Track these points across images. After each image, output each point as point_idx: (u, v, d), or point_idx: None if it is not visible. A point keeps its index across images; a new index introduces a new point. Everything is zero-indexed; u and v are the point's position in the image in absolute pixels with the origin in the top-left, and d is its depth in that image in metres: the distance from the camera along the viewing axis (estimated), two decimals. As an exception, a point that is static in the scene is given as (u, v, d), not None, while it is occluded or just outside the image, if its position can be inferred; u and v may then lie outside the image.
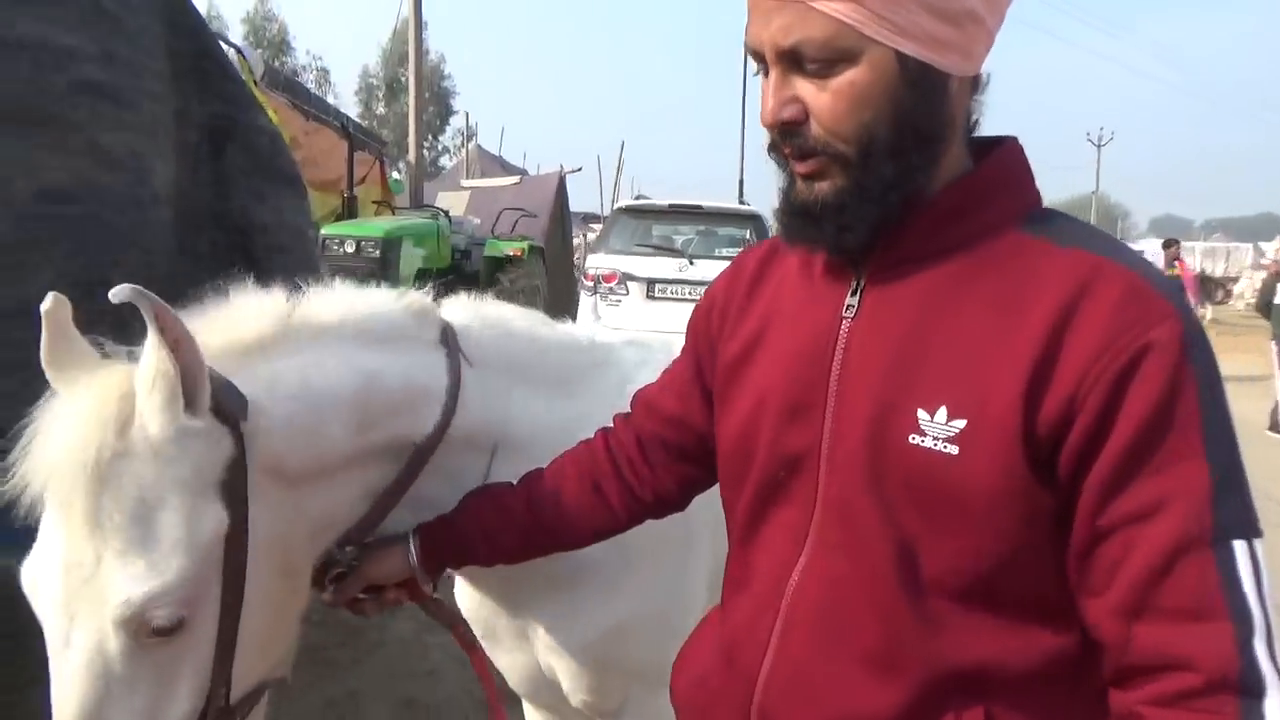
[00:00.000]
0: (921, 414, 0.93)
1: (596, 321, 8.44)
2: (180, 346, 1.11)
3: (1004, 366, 0.90)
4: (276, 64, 15.73)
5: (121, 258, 2.92)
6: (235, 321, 1.32)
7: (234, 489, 1.17)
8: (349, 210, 9.93)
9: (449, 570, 1.49)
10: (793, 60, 0.95)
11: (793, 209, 1.02)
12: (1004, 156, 1.02)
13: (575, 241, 16.73)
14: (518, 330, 1.67)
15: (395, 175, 12.95)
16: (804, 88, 0.95)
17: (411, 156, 13.31)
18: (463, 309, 1.65)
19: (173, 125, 3.30)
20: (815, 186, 0.99)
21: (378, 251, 8.77)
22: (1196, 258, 40.22)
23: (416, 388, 1.44)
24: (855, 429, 0.98)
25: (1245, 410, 11.39)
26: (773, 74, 0.96)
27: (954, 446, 0.91)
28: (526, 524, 1.38)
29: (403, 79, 43.86)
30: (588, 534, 1.41)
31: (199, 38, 3.47)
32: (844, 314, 1.04)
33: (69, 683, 1.09)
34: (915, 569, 0.95)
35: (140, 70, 3.15)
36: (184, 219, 3.30)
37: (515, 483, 1.45)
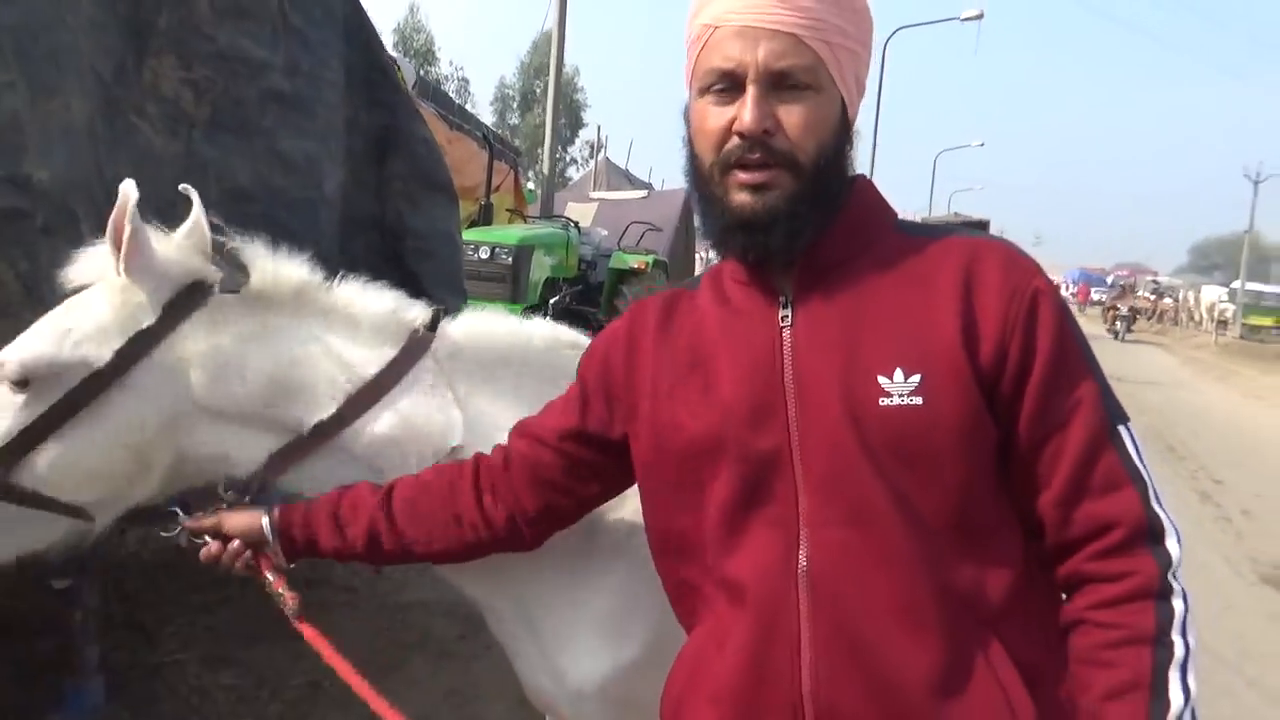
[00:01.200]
0: (882, 380, 1.09)
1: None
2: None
3: (935, 325, 1.10)
4: (422, 73, 16.43)
5: (294, 256, 3.14)
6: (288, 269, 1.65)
7: (136, 344, 1.44)
8: (485, 217, 10.27)
9: (301, 556, 1.56)
10: (774, 82, 1.10)
11: (738, 223, 1.14)
12: (870, 184, 1.24)
13: (697, 257, 16.83)
14: (505, 349, 1.69)
15: (530, 185, 13.32)
16: (778, 108, 1.11)
17: (545, 167, 13.70)
18: (463, 324, 1.70)
19: (343, 132, 3.52)
20: (765, 196, 1.12)
21: (510, 258, 9.05)
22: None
23: (325, 382, 1.56)
24: (829, 413, 1.10)
25: None
26: (754, 90, 1.10)
27: (918, 398, 1.08)
28: (375, 521, 1.44)
29: (537, 90, 45.09)
30: (436, 546, 1.47)
31: (371, 50, 3.69)
32: (781, 324, 1.16)
33: None
34: (912, 516, 1.08)
35: (319, 81, 3.37)
36: (345, 221, 3.51)
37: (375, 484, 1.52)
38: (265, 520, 1.49)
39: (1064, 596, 1.13)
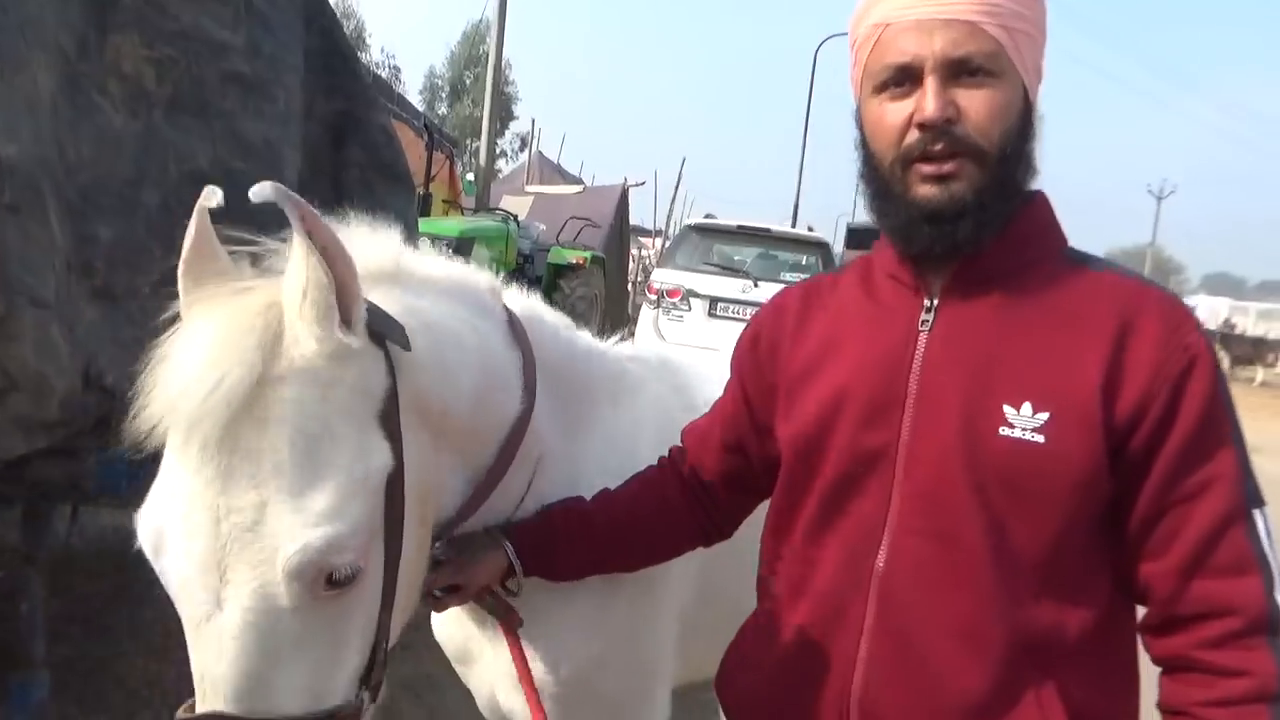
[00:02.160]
0: (1008, 409, 1.07)
1: (658, 335, 8.56)
2: (330, 254, 0.97)
3: (1079, 367, 1.06)
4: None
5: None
6: (354, 247, 1.07)
7: (391, 422, 1.05)
8: (422, 208, 10.14)
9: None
10: (954, 70, 1.08)
11: (924, 215, 1.11)
12: (1046, 202, 1.21)
13: (633, 254, 16.86)
14: (561, 336, 1.58)
15: (470, 177, 13.18)
16: (958, 95, 1.09)
17: (482, 159, 13.58)
18: (517, 301, 1.53)
19: (302, 118, 3.46)
20: (951, 188, 1.10)
21: (451, 250, 8.96)
22: (1251, 318, 39.46)
23: (508, 365, 1.37)
24: (943, 426, 1.10)
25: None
26: (932, 80, 1.08)
27: (1040, 436, 1.05)
28: (604, 541, 1.42)
29: (467, 81, 44.46)
30: (655, 557, 1.50)
31: (330, 36, 3.63)
32: (920, 327, 1.16)
33: (226, 649, 0.93)
34: (1001, 549, 1.08)
35: (280, 65, 3.31)
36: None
37: (588, 500, 1.47)
38: (513, 556, 1.40)
39: (1159, 670, 1.10)
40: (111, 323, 2.62)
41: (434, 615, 1.68)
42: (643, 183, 15.65)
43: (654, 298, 8.86)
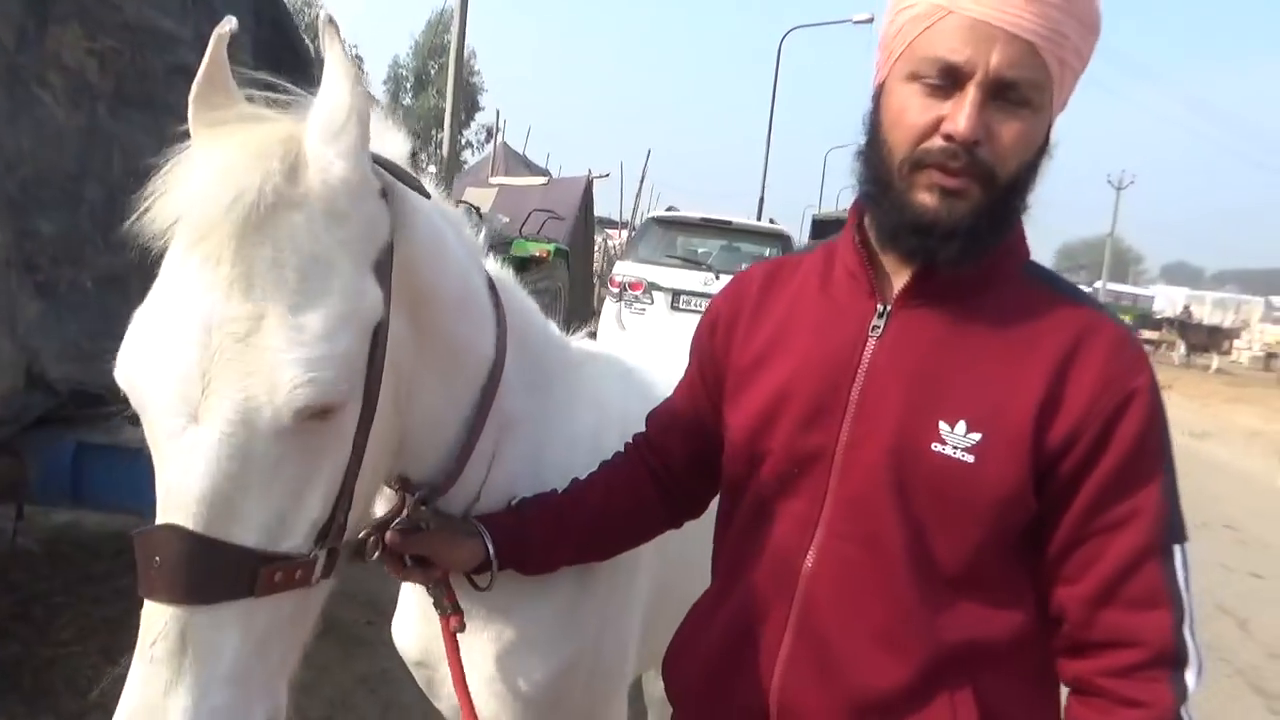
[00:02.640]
0: (943, 426, 1.07)
1: (620, 328, 8.56)
2: (359, 88, 0.94)
3: (1018, 392, 1.06)
4: (316, 50, 15.87)
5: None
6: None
7: (384, 274, 1.02)
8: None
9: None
10: (997, 91, 1.03)
11: (915, 225, 1.08)
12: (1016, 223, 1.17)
13: (597, 245, 16.83)
14: (533, 313, 1.54)
15: (431, 168, 13.06)
16: (993, 117, 1.04)
17: (445, 151, 13.48)
18: (496, 271, 1.48)
19: (252, 111, 3.43)
20: (953, 204, 1.06)
21: (410, 243, 8.86)
22: (1207, 307, 40.41)
23: (486, 305, 1.34)
24: (879, 435, 1.10)
25: (1254, 467, 11.46)
26: (976, 94, 1.02)
27: (970, 456, 1.06)
28: (577, 533, 1.40)
29: (432, 71, 44.05)
30: (628, 543, 1.50)
31: (281, 28, 3.60)
32: (870, 333, 1.15)
33: (197, 463, 0.89)
34: (923, 557, 1.09)
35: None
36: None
37: (560, 492, 1.43)
38: (490, 549, 1.32)
39: (1064, 689, 1.12)
40: (55, 319, 2.59)
41: (394, 620, 1.66)
42: (607, 174, 15.59)
43: (616, 290, 8.87)
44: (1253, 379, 22.16)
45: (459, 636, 1.35)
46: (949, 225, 1.06)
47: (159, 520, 0.91)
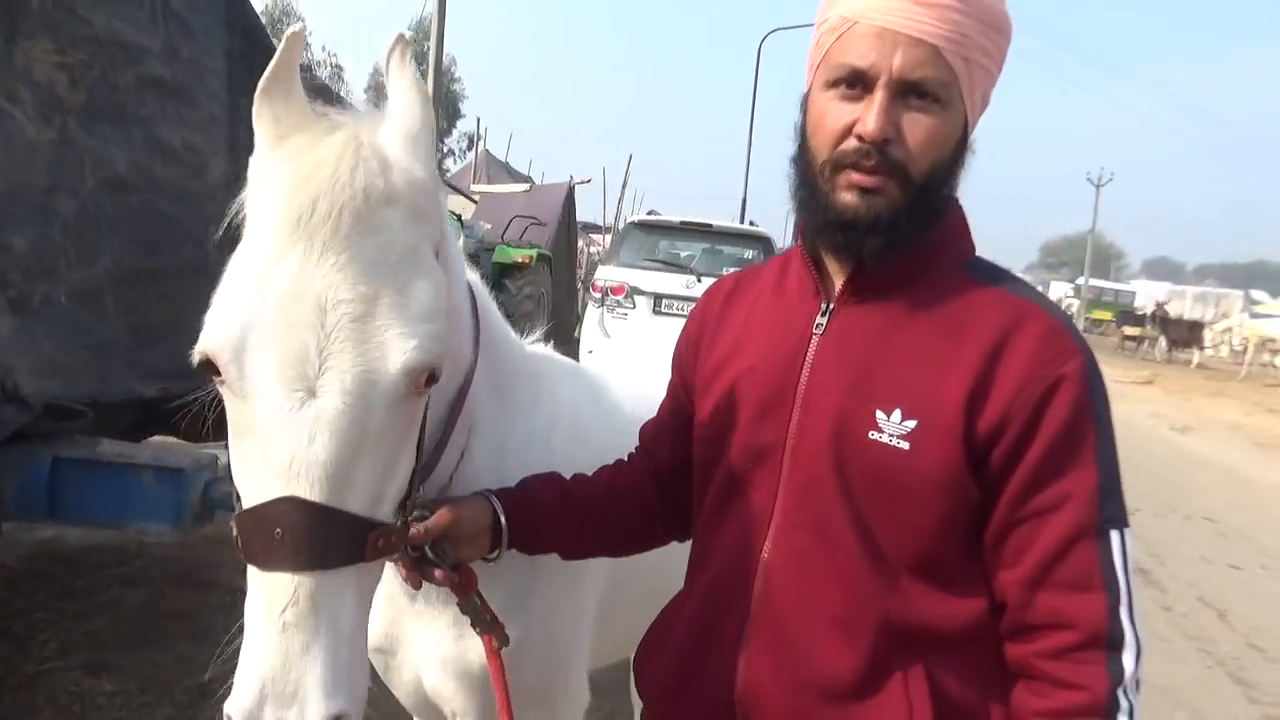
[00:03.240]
0: (880, 415, 1.11)
1: (603, 334, 8.56)
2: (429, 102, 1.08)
3: (949, 381, 1.09)
4: (293, 58, 15.78)
5: (176, 247, 3.05)
6: None
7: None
8: (363, 208, 10.00)
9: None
10: (905, 90, 1.09)
11: (839, 222, 1.13)
12: (956, 213, 1.22)
13: (580, 250, 16.85)
14: (500, 320, 1.58)
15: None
16: (902, 116, 1.10)
17: (425, 159, 13.38)
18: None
19: (226, 122, 3.43)
20: (871, 201, 1.11)
21: (391, 251, 8.82)
22: (1188, 302, 40.71)
23: (468, 311, 1.38)
24: (821, 427, 1.15)
25: (1234, 460, 11.55)
26: (883, 96, 1.08)
27: (906, 443, 1.10)
28: (583, 517, 1.41)
29: (413, 79, 43.91)
30: (637, 543, 1.52)
31: (254, 39, 3.60)
32: (814, 331, 1.20)
33: (321, 433, 0.95)
34: (871, 544, 1.13)
35: (201, 68, 3.29)
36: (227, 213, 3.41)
37: (567, 477, 1.45)
38: (499, 510, 1.33)
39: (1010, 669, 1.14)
40: (29, 334, 2.59)
41: None
42: (588, 180, 15.64)
43: (598, 296, 8.86)
44: (1233, 373, 22.37)
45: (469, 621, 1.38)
46: (869, 221, 1.11)
47: (269, 493, 0.96)
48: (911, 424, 1.10)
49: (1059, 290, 49.05)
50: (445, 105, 42.38)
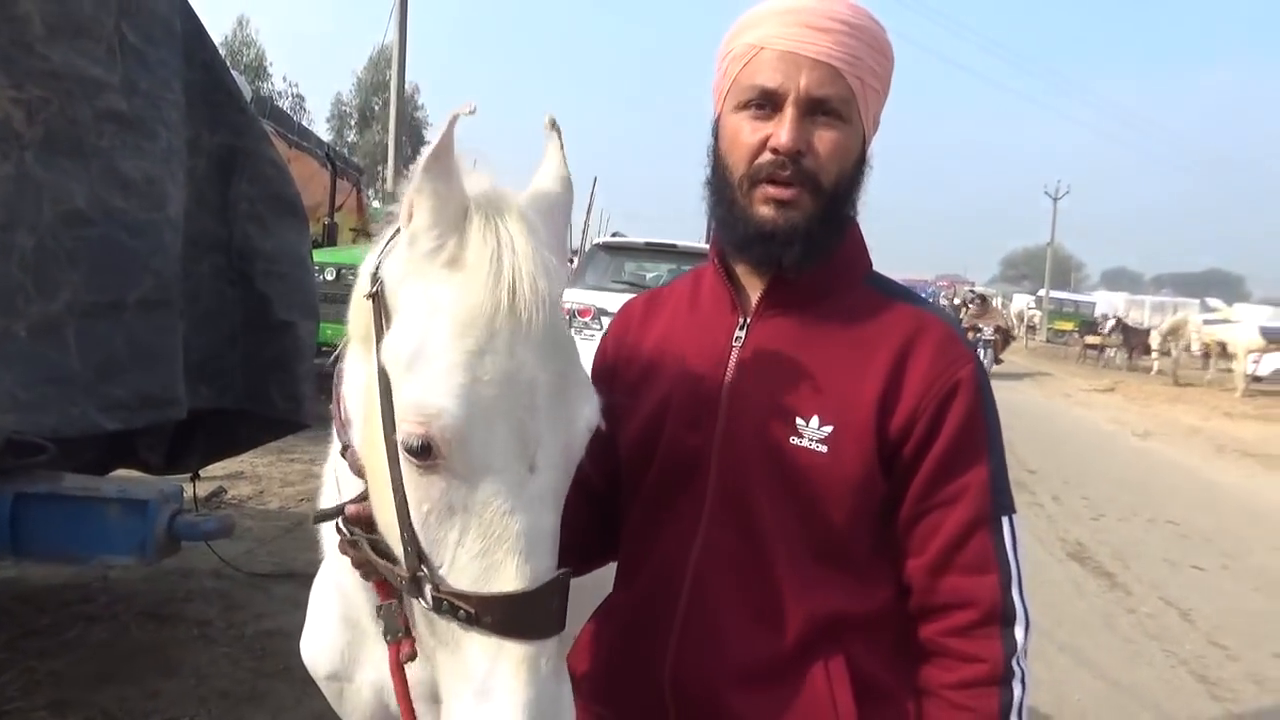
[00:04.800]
0: (800, 421, 1.20)
1: (571, 355, 8.56)
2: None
3: (862, 387, 1.19)
4: (254, 89, 15.80)
5: (136, 279, 3.04)
6: None
7: None
8: (329, 237, 10.02)
9: None
10: (812, 108, 1.18)
11: (759, 235, 1.21)
12: (856, 231, 1.33)
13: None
14: None
15: (375, 203, 13.05)
16: (810, 130, 1.19)
17: (390, 186, 13.46)
18: None
19: (185, 153, 3.43)
20: (788, 213, 1.20)
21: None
22: (1146, 311, 41.42)
23: None
24: (745, 435, 1.22)
25: (1194, 463, 11.74)
26: (792, 112, 1.18)
27: (824, 446, 1.19)
28: None
29: (376, 107, 43.98)
30: (580, 569, 1.54)
31: (213, 70, 3.60)
32: (734, 343, 1.27)
33: (546, 506, 1.05)
34: (793, 541, 1.21)
35: (159, 101, 3.28)
36: (189, 244, 3.41)
37: None
38: None
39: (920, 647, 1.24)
40: (-13, 369, 2.57)
41: (304, 635, 1.64)
42: (554, 204, 15.67)
43: (565, 318, 8.85)
44: (1193, 378, 22.80)
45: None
46: (787, 231, 1.20)
47: (498, 563, 1.02)
48: (828, 429, 1.19)
49: (1021, 302, 49.75)
50: (409, 132, 42.41)
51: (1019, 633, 1.17)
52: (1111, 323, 29.64)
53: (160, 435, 3.64)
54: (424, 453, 1.02)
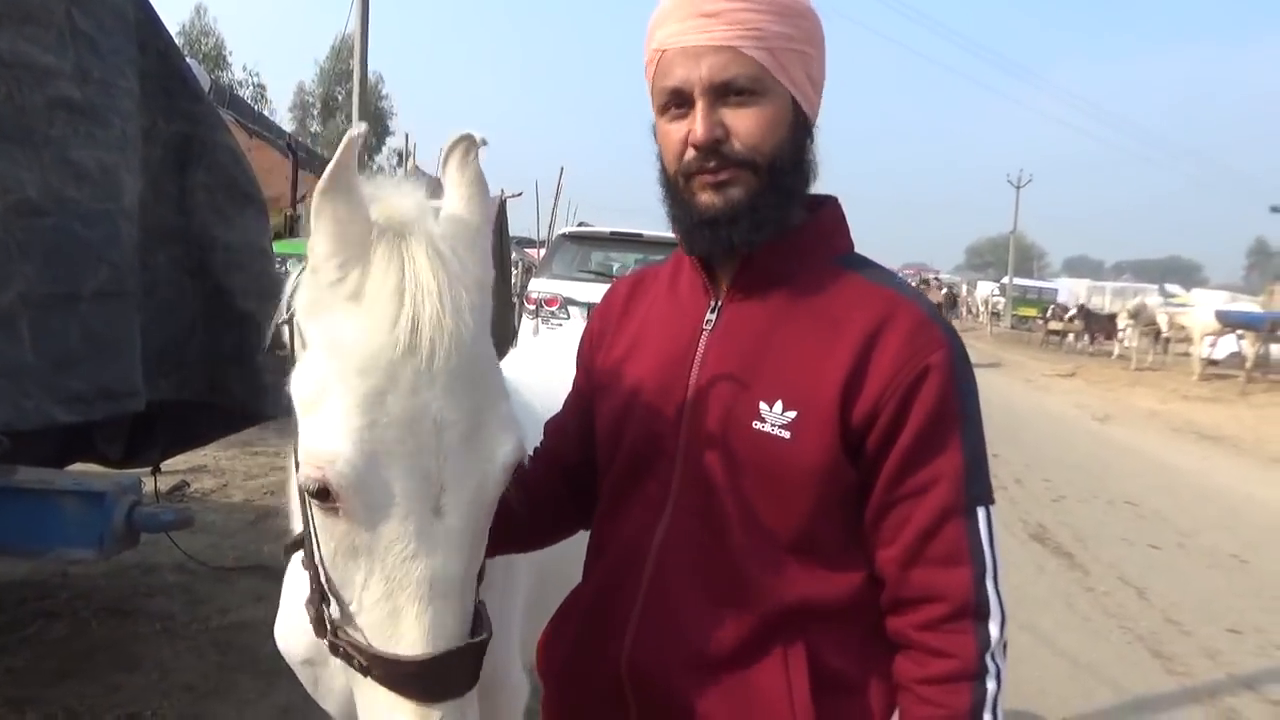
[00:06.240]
0: (763, 406, 1.18)
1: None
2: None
3: (826, 372, 1.16)
4: (214, 78, 15.53)
5: (91, 270, 3.00)
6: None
7: None
8: (291, 229, 9.91)
9: None
10: (720, 93, 1.17)
11: (704, 219, 1.21)
12: (833, 210, 1.32)
13: (515, 265, 16.77)
14: None
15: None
16: (727, 115, 1.18)
17: (353, 176, 13.24)
18: None
19: (140, 142, 3.37)
20: (728, 193, 1.19)
21: (320, 270, 8.72)
22: (1107, 297, 42.07)
23: None
24: (710, 418, 1.22)
25: (1152, 446, 11.97)
26: (701, 104, 1.17)
27: (787, 432, 1.16)
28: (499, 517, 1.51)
29: (339, 97, 43.45)
30: (546, 537, 1.56)
31: (167, 58, 3.55)
32: (704, 326, 1.27)
33: (449, 553, 1.02)
34: (756, 527, 1.19)
35: (112, 88, 3.23)
36: (145, 234, 3.36)
37: None
38: None
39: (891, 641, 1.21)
40: (-62, 362, 2.52)
41: (279, 621, 1.67)
42: (520, 193, 15.61)
43: (532, 308, 8.88)
44: (1156, 363, 23.21)
45: None
46: (729, 211, 1.20)
47: (400, 609, 1.01)
48: (792, 414, 1.17)
49: (985, 289, 50.39)
50: (373, 122, 41.82)
51: (993, 628, 1.13)
52: (1073, 310, 30.08)
53: (119, 428, 3.59)
54: (322, 495, 1.00)
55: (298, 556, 1.64)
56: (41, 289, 2.84)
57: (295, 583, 1.62)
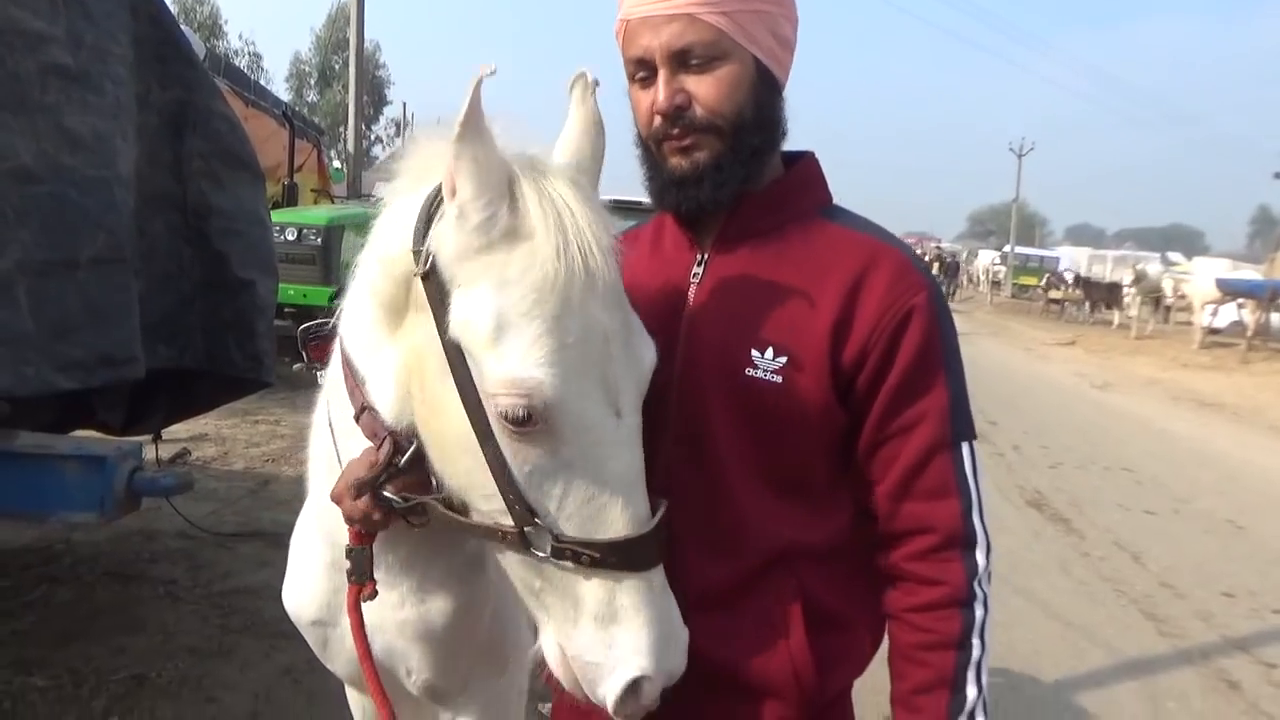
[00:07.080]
0: (754, 353, 1.22)
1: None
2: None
3: (814, 318, 1.21)
4: (209, 47, 15.42)
5: (88, 237, 3.00)
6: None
7: None
8: (289, 197, 9.88)
9: None
10: (680, 60, 1.20)
11: (672, 180, 1.26)
12: (810, 163, 1.36)
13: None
14: None
15: (336, 164, 12.86)
16: (689, 81, 1.21)
17: (350, 146, 13.24)
18: None
19: (135, 109, 3.36)
20: (694, 156, 1.23)
21: (319, 239, 8.69)
22: (1109, 266, 41.94)
23: None
24: (704, 367, 1.25)
25: (1150, 413, 12.00)
26: (663, 72, 1.21)
27: (778, 377, 1.21)
28: None
29: (336, 66, 43.07)
30: None
31: (161, 24, 3.52)
32: (692, 279, 1.31)
33: (634, 446, 1.14)
34: (750, 470, 1.24)
35: (106, 55, 3.21)
36: (142, 201, 3.36)
37: None
38: None
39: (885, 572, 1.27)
40: (-65, 330, 2.53)
41: (286, 582, 1.66)
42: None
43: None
44: (1158, 332, 23.20)
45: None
46: (695, 173, 1.24)
47: (607, 501, 1.11)
48: (783, 360, 1.21)
49: (987, 258, 50.22)
50: (371, 91, 41.58)
51: (980, 556, 1.20)
52: (1072, 278, 30.04)
53: (119, 395, 3.61)
54: (526, 421, 1.07)
55: (305, 527, 1.66)
56: (39, 256, 2.85)
57: (305, 547, 1.63)
